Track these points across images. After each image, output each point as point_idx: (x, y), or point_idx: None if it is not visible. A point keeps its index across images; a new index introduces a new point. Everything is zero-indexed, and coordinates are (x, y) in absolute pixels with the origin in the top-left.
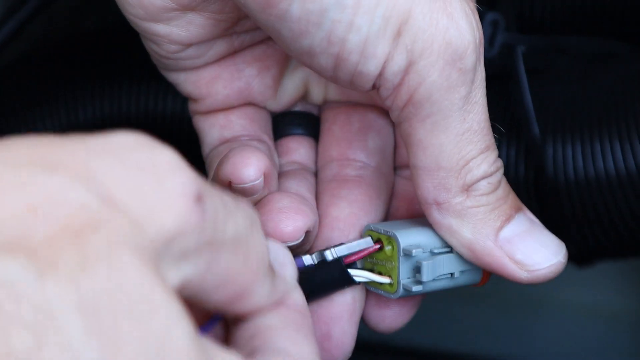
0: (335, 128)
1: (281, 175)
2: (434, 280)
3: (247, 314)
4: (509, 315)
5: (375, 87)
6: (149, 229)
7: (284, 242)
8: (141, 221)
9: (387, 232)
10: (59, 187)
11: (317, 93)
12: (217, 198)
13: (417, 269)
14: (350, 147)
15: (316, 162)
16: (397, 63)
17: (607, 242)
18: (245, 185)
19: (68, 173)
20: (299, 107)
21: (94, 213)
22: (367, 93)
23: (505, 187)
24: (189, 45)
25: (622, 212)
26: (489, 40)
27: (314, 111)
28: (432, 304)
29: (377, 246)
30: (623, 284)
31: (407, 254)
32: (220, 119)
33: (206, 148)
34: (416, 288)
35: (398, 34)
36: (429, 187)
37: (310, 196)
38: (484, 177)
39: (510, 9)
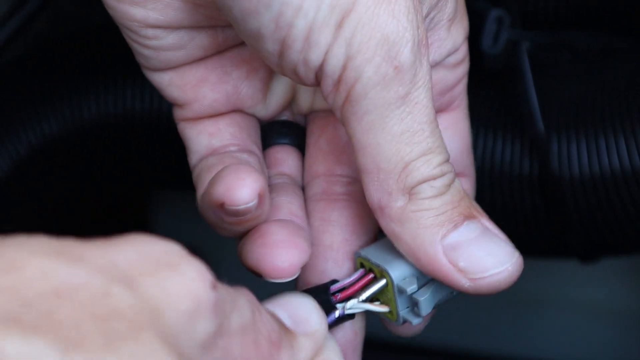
0: (322, 142)
1: (270, 188)
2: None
3: None
4: (515, 312)
5: (317, 81)
6: (168, 313)
7: (279, 278)
8: (161, 307)
9: (379, 265)
10: (83, 276)
11: (305, 100)
12: (224, 289)
13: (415, 303)
14: (338, 162)
15: (302, 174)
16: (337, 56)
17: (611, 237)
18: (239, 207)
19: (91, 264)
20: (285, 117)
21: (117, 300)
22: None
23: (456, 193)
24: (167, 29)
25: (627, 207)
26: (494, 37)
27: (301, 121)
28: None
29: (383, 283)
30: (630, 281)
31: (402, 291)
32: (208, 127)
33: (194, 157)
34: (416, 321)
35: (340, 24)
36: (372, 191)
37: (302, 214)
38: (425, 180)
39: (514, 5)
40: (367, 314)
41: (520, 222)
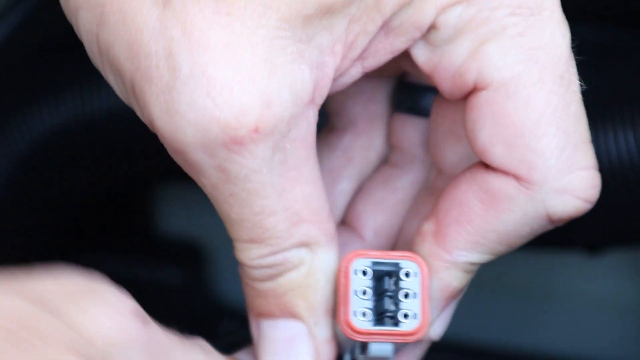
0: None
1: (386, 164)
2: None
3: None
4: (519, 305)
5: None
6: (89, 335)
7: None
8: (86, 332)
9: None
10: (7, 304)
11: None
12: (167, 334)
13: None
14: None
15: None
16: None
17: (618, 229)
18: None
19: (7, 292)
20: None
21: (34, 319)
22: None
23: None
24: None
25: (634, 199)
26: None
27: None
28: None
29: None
30: (635, 275)
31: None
32: None
33: None
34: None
35: None
36: None
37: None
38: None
39: None
40: None
41: None
